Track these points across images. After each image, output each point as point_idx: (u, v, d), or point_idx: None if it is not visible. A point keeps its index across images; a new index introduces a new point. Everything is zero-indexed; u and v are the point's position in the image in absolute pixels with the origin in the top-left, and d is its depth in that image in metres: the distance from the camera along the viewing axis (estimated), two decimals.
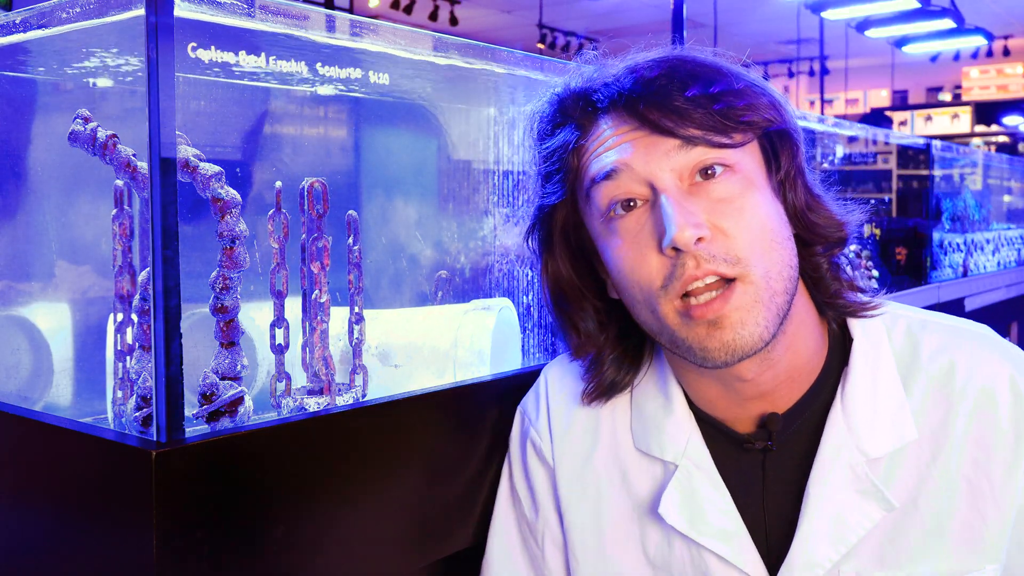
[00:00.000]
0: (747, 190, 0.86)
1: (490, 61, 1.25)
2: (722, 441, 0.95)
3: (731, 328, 0.83)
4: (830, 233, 0.92)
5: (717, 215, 0.84)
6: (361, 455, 0.92)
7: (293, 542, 0.86)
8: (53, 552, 0.87)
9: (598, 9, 9.16)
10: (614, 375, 0.99)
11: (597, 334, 0.99)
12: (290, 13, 0.96)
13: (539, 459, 1.03)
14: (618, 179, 0.87)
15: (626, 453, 0.99)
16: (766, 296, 0.84)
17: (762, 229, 0.85)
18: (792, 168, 0.90)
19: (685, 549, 0.93)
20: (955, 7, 7.86)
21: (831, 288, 0.94)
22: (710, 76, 0.86)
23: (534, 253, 0.99)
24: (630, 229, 0.87)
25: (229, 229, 0.87)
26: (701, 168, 0.85)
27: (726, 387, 0.92)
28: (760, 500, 0.93)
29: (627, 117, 0.87)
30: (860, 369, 0.92)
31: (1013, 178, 4.62)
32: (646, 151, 0.86)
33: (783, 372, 0.91)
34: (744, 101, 0.85)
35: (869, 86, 12.95)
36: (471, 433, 1.06)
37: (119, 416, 0.95)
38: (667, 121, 0.84)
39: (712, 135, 0.84)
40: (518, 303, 1.35)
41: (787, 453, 0.92)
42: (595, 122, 0.90)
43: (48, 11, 0.95)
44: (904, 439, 0.89)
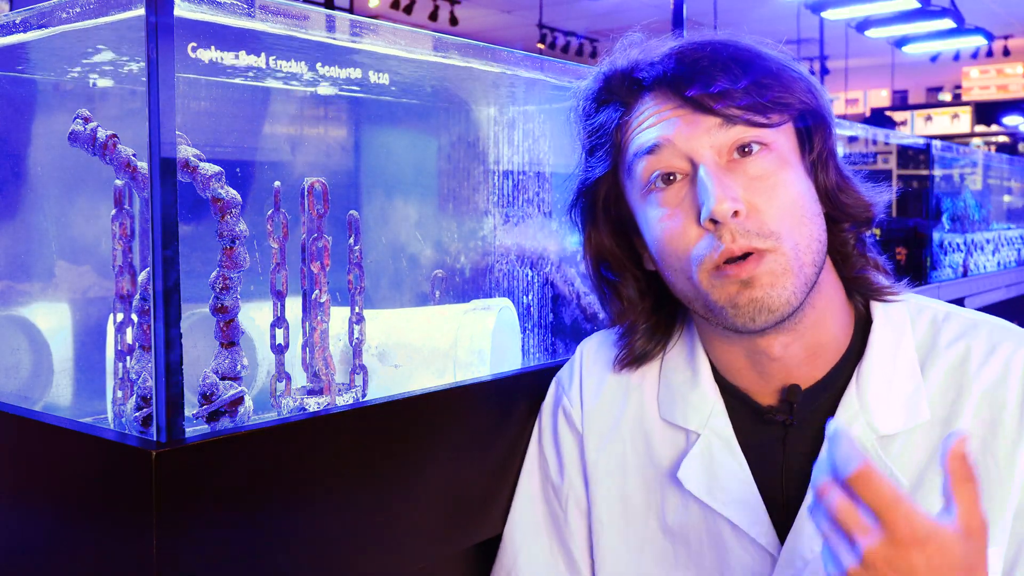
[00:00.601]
0: (781, 168, 0.90)
1: (490, 61, 1.25)
2: (745, 413, 0.98)
3: (761, 287, 0.87)
4: (858, 213, 0.96)
5: (752, 191, 0.88)
6: (361, 455, 0.92)
7: (293, 542, 0.86)
8: (53, 552, 0.87)
9: (598, 9, 9.16)
10: (644, 345, 1.04)
11: (638, 301, 1.03)
12: (290, 13, 0.96)
13: (569, 426, 1.07)
14: (660, 153, 0.91)
15: (651, 422, 1.02)
16: (795, 266, 0.88)
17: (793, 205, 0.89)
18: (824, 150, 0.95)
19: (701, 516, 0.97)
20: (955, 7, 7.86)
21: (857, 264, 0.98)
22: (751, 60, 0.90)
23: (576, 225, 1.05)
24: (670, 201, 0.92)
25: (229, 229, 0.87)
26: (739, 146, 0.90)
27: (753, 360, 0.96)
28: (779, 473, 0.95)
29: (671, 95, 0.91)
30: (878, 350, 0.95)
31: (1013, 178, 4.62)
32: (688, 128, 0.90)
33: (809, 347, 0.94)
34: (782, 84, 0.90)
35: (869, 86, 12.95)
36: (471, 433, 1.06)
37: (119, 416, 0.94)
38: (709, 100, 0.88)
39: (751, 115, 0.89)
40: (518, 303, 1.35)
41: (806, 429, 0.95)
42: (639, 100, 0.95)
43: (48, 11, 0.95)
44: (916, 420, 0.91)
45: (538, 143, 1.40)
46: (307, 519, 0.87)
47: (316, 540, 0.88)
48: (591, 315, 1.41)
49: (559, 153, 1.42)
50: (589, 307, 1.41)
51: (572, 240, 1.45)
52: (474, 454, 1.06)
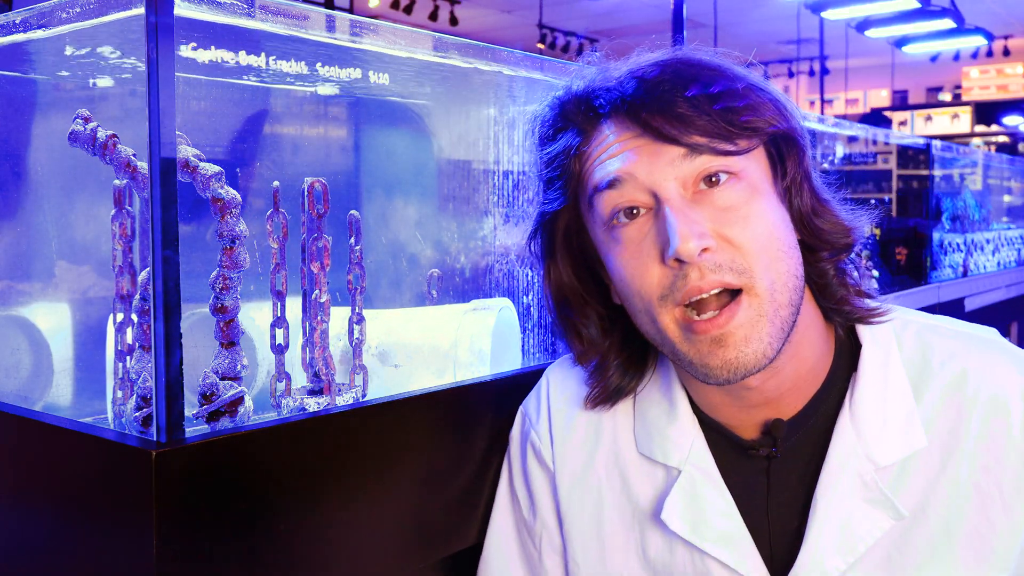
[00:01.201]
0: (753, 197, 0.85)
1: (490, 61, 1.24)
2: (726, 447, 0.94)
3: (734, 346, 0.82)
4: (836, 239, 0.91)
5: (722, 223, 0.83)
6: (361, 455, 0.92)
7: (293, 542, 0.86)
8: (53, 552, 0.87)
9: (598, 9, 9.16)
10: (618, 381, 0.99)
11: (601, 340, 0.98)
12: (290, 13, 0.96)
13: (539, 462, 1.03)
14: (621, 188, 0.86)
15: (628, 458, 0.98)
16: (771, 310, 0.83)
17: (769, 237, 0.84)
18: (798, 173, 0.89)
19: (687, 555, 0.93)
20: (955, 7, 7.86)
21: (837, 295, 0.92)
22: (714, 81, 0.84)
23: (536, 258, 0.99)
24: (633, 238, 0.86)
25: (229, 229, 0.87)
26: (705, 176, 0.84)
27: (730, 394, 0.91)
28: (764, 507, 0.92)
29: (630, 123, 0.86)
30: (870, 376, 0.90)
31: (1013, 178, 4.62)
32: (649, 159, 0.84)
33: (788, 380, 0.90)
34: (749, 107, 0.84)
35: (869, 86, 12.94)
36: (471, 433, 1.06)
37: (119, 416, 0.94)
38: (670, 128, 0.83)
39: (716, 142, 0.83)
40: (518, 303, 1.35)
41: (792, 460, 0.92)
42: (597, 127, 0.89)
43: (48, 11, 0.95)
44: (913, 447, 0.88)
45: None
46: (307, 519, 0.87)
47: (316, 540, 0.88)
48: None
49: None
50: None
51: None
52: (473, 454, 1.06)
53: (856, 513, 0.87)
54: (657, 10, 8.55)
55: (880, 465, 0.88)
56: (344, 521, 0.91)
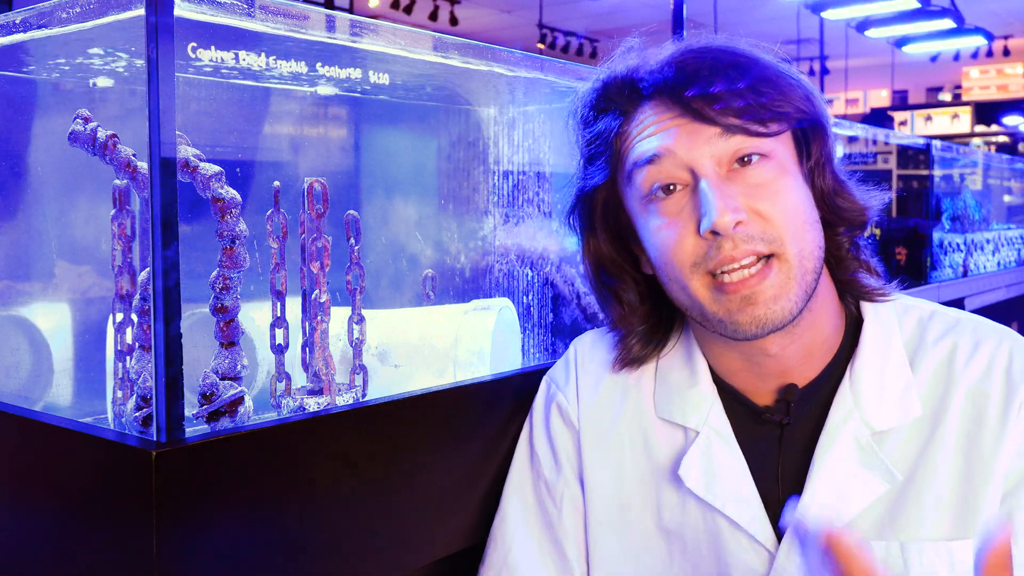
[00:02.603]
0: (781, 176, 0.91)
1: (490, 61, 1.25)
2: (741, 412, 0.99)
3: (764, 304, 0.89)
4: (853, 217, 0.98)
5: (754, 199, 0.89)
6: (361, 455, 0.92)
7: (292, 542, 0.86)
8: (53, 552, 0.87)
9: (598, 9, 9.16)
10: (642, 348, 1.05)
11: (639, 305, 1.04)
12: (290, 13, 0.96)
13: (564, 422, 1.07)
14: (660, 164, 0.91)
15: (649, 421, 1.03)
16: (798, 274, 0.90)
17: (796, 211, 0.91)
18: (822, 156, 0.95)
19: (699, 513, 0.97)
20: (955, 7, 7.86)
21: (850, 268, 0.99)
22: (751, 69, 0.90)
23: (575, 231, 1.05)
24: (670, 211, 0.92)
25: (229, 229, 0.87)
26: (739, 156, 0.90)
27: (749, 361, 0.97)
28: (775, 472, 0.96)
29: (671, 104, 0.92)
30: (869, 348, 0.96)
31: (1013, 178, 4.62)
32: (688, 138, 0.90)
33: (804, 348, 0.96)
34: (781, 93, 0.90)
35: (869, 86, 12.95)
36: (471, 433, 1.06)
37: (119, 416, 0.94)
38: (709, 110, 0.89)
39: (751, 124, 0.89)
40: (518, 303, 1.35)
41: (801, 427, 0.96)
42: (639, 108, 0.95)
43: (48, 11, 0.95)
44: (909, 415, 0.93)
45: (538, 143, 1.40)
46: (307, 519, 0.87)
47: (316, 540, 0.88)
48: (591, 315, 1.41)
49: (559, 153, 1.42)
50: (589, 307, 1.41)
51: (572, 240, 1.45)
52: (473, 454, 1.06)
53: (851, 475, 0.92)
54: (657, 10, 8.55)
55: (876, 430, 0.93)
56: (344, 521, 0.91)
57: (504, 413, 1.10)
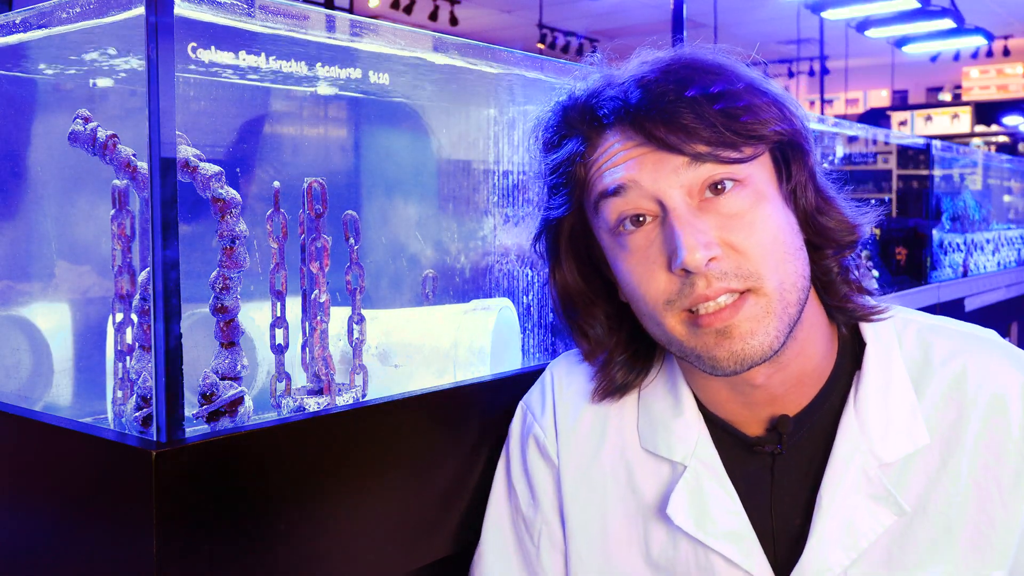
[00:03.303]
0: (758, 203, 0.85)
1: (490, 61, 1.24)
2: (731, 443, 0.94)
3: (740, 338, 0.83)
4: (841, 237, 0.91)
5: (728, 231, 0.83)
6: (361, 455, 0.92)
7: (293, 542, 0.86)
8: (53, 552, 0.87)
9: (598, 9, 9.16)
10: (624, 376, 0.99)
11: (607, 338, 0.99)
12: (290, 13, 0.96)
13: (542, 456, 1.02)
14: (627, 195, 0.86)
15: (632, 453, 0.98)
16: (779, 308, 0.84)
17: (774, 242, 0.85)
18: (803, 174, 0.89)
19: (691, 551, 0.93)
20: (955, 7, 7.86)
21: (841, 292, 0.93)
22: (719, 87, 0.84)
23: (541, 260, 0.99)
24: (640, 245, 0.87)
25: (229, 229, 0.87)
26: (711, 183, 0.84)
27: (736, 391, 0.92)
28: (768, 503, 0.92)
29: (633, 132, 0.86)
30: (873, 373, 0.91)
31: (1013, 178, 4.62)
32: (654, 167, 0.84)
33: (793, 376, 0.91)
34: (754, 114, 0.84)
35: (869, 86, 12.94)
36: (471, 433, 1.06)
37: (119, 416, 0.95)
38: (674, 138, 0.83)
39: (721, 150, 0.83)
40: (518, 303, 1.35)
41: (796, 457, 0.92)
42: (602, 135, 0.89)
43: (48, 11, 0.95)
44: (916, 444, 0.88)
45: None
46: (307, 519, 0.87)
47: (316, 540, 0.88)
48: None
49: None
50: None
51: None
52: (473, 454, 1.06)
53: (860, 509, 0.88)
54: (657, 10, 8.55)
55: (884, 461, 0.88)
56: (344, 521, 0.91)
57: (504, 413, 1.10)
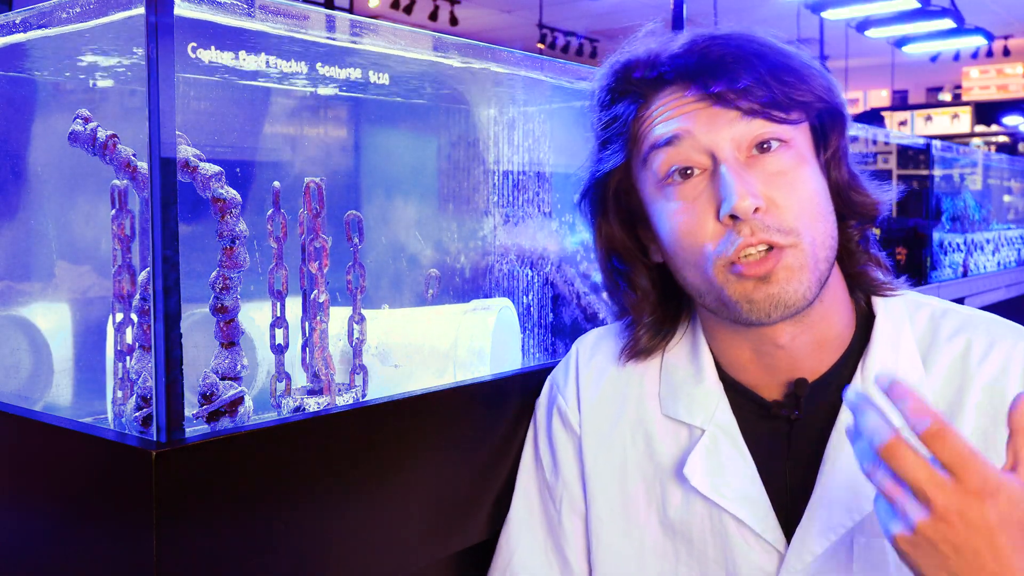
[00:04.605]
0: (800, 165, 0.91)
1: (490, 61, 1.24)
2: (749, 408, 0.98)
3: (778, 283, 0.88)
4: (866, 210, 0.97)
5: (772, 187, 0.89)
6: (361, 455, 0.92)
7: (293, 542, 0.86)
8: (53, 552, 0.87)
9: (598, 9, 9.15)
10: (649, 340, 1.04)
11: (651, 291, 1.03)
12: (290, 13, 0.96)
13: (564, 426, 1.07)
14: (679, 145, 0.91)
15: (652, 418, 1.02)
16: (812, 262, 0.89)
17: (811, 202, 0.90)
18: (839, 148, 0.96)
19: (706, 512, 0.96)
20: (955, 7, 7.86)
21: (860, 260, 0.99)
22: (772, 56, 0.90)
23: (585, 216, 1.04)
24: (687, 195, 0.91)
25: (229, 229, 0.87)
26: (759, 142, 0.90)
27: (758, 352, 0.96)
28: (783, 469, 0.95)
29: (691, 89, 0.91)
30: (882, 344, 0.95)
31: (1013, 178, 4.62)
32: (709, 121, 0.90)
33: (815, 340, 0.95)
34: (803, 81, 0.90)
35: (869, 86, 12.95)
36: (471, 433, 1.06)
37: (119, 416, 0.94)
38: (731, 94, 0.88)
39: (772, 110, 0.89)
40: (518, 303, 1.35)
41: (811, 424, 0.95)
42: (659, 92, 0.94)
43: (48, 11, 0.95)
44: None
45: (538, 143, 1.40)
46: (307, 519, 0.87)
47: (316, 540, 0.88)
48: (591, 315, 1.41)
49: (559, 153, 1.42)
50: (589, 307, 1.41)
51: (572, 240, 1.45)
52: (473, 454, 1.06)
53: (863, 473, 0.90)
54: (657, 10, 8.53)
55: None
56: (344, 521, 0.91)
57: (504, 413, 1.10)
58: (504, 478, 1.10)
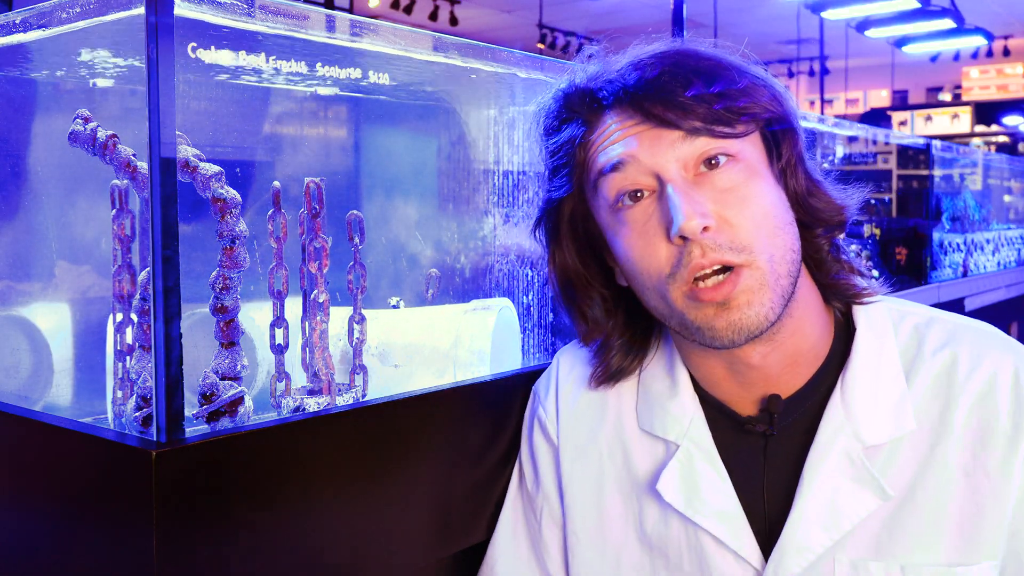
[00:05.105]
0: (750, 179, 0.89)
1: (490, 61, 1.25)
2: (725, 425, 0.96)
3: (738, 309, 0.86)
4: (830, 217, 0.95)
5: (722, 205, 0.87)
6: (361, 455, 0.92)
7: (293, 542, 0.86)
8: (53, 552, 0.87)
9: (598, 9, 9.16)
10: (621, 361, 1.02)
11: (604, 320, 1.02)
12: (290, 13, 0.96)
13: (544, 436, 1.06)
14: (625, 171, 0.89)
15: (629, 433, 1.01)
16: (771, 279, 0.87)
17: (765, 216, 0.88)
18: (792, 156, 0.93)
19: (682, 528, 0.95)
20: (955, 7, 7.86)
21: (832, 270, 0.97)
22: (712, 70, 0.89)
23: (542, 244, 1.03)
24: (638, 219, 0.90)
25: (229, 229, 0.87)
26: (705, 158, 0.88)
27: (732, 370, 0.95)
28: (760, 485, 0.94)
29: (632, 112, 0.90)
30: (863, 358, 0.93)
31: (1013, 178, 4.62)
32: (651, 143, 0.88)
33: (788, 356, 0.93)
34: (745, 94, 0.88)
35: (869, 86, 12.95)
36: (471, 433, 1.06)
37: (119, 416, 0.95)
38: (670, 114, 0.87)
39: (715, 126, 0.87)
40: (518, 303, 1.35)
41: (788, 439, 0.94)
42: (600, 117, 0.93)
43: (48, 11, 0.95)
44: (903, 429, 0.90)
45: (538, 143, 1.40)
46: (306, 519, 0.87)
47: (315, 540, 0.88)
48: None
49: None
50: None
51: None
52: (473, 454, 1.06)
53: (842, 491, 0.90)
54: (657, 10, 8.55)
55: (868, 444, 0.90)
56: (344, 521, 0.91)
57: (504, 413, 1.10)
58: (504, 479, 1.10)
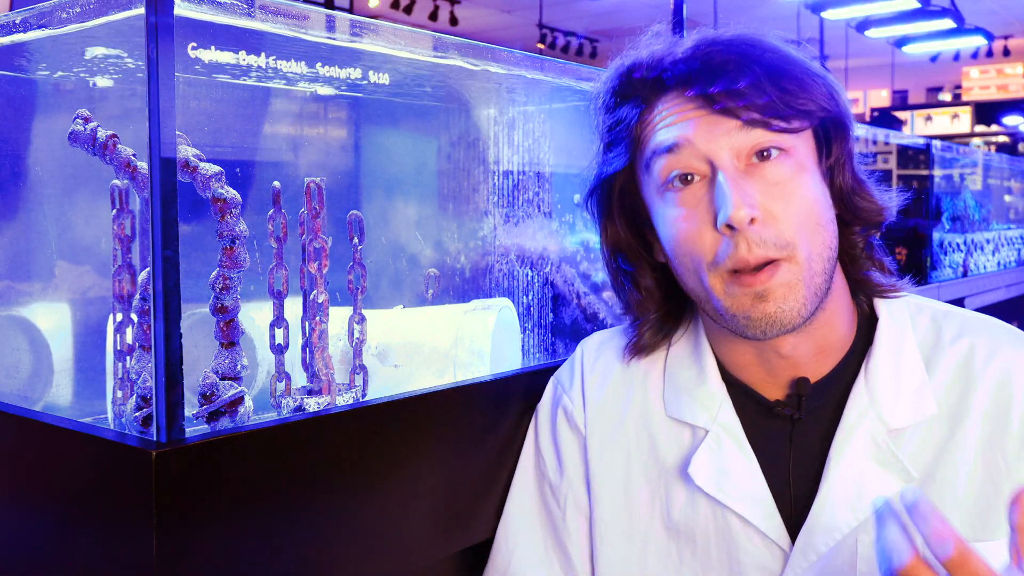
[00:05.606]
0: (799, 174, 0.91)
1: (490, 61, 1.24)
2: (752, 409, 0.99)
3: (774, 301, 0.89)
4: (870, 216, 0.98)
5: (769, 198, 0.89)
6: (361, 455, 0.92)
7: (293, 542, 0.86)
8: (53, 552, 0.87)
9: (598, 9, 9.15)
10: (652, 337, 1.05)
11: (655, 289, 1.04)
12: (290, 13, 0.96)
13: (569, 425, 1.07)
14: (679, 153, 0.91)
15: (657, 420, 1.03)
16: (807, 276, 0.89)
17: (809, 213, 0.90)
18: (842, 154, 0.95)
19: (710, 511, 0.97)
20: (955, 7, 7.86)
21: (864, 266, 0.99)
22: (775, 64, 0.90)
23: (592, 217, 1.05)
24: (687, 202, 0.92)
25: (229, 229, 0.87)
26: (758, 150, 0.90)
27: (760, 357, 0.97)
28: (786, 468, 0.96)
29: (693, 95, 0.91)
30: (885, 346, 0.96)
31: (1013, 178, 4.62)
32: (708, 129, 0.90)
33: (817, 346, 0.96)
34: (805, 90, 0.90)
35: (869, 86, 12.95)
36: (471, 433, 1.06)
37: (119, 416, 0.95)
38: (731, 103, 0.88)
39: (772, 120, 0.89)
40: (518, 303, 1.35)
41: (813, 424, 0.96)
42: (661, 96, 0.94)
43: (48, 11, 0.95)
44: (924, 413, 0.93)
45: (538, 143, 1.40)
46: (307, 519, 0.87)
47: (315, 540, 0.88)
48: (591, 315, 1.41)
49: (559, 153, 1.42)
50: (589, 307, 1.41)
51: (572, 240, 1.45)
52: (473, 454, 1.06)
53: (867, 473, 0.92)
54: (657, 10, 8.54)
55: (891, 427, 0.93)
56: (344, 521, 0.91)
57: (504, 413, 1.10)
58: (505, 478, 1.10)
